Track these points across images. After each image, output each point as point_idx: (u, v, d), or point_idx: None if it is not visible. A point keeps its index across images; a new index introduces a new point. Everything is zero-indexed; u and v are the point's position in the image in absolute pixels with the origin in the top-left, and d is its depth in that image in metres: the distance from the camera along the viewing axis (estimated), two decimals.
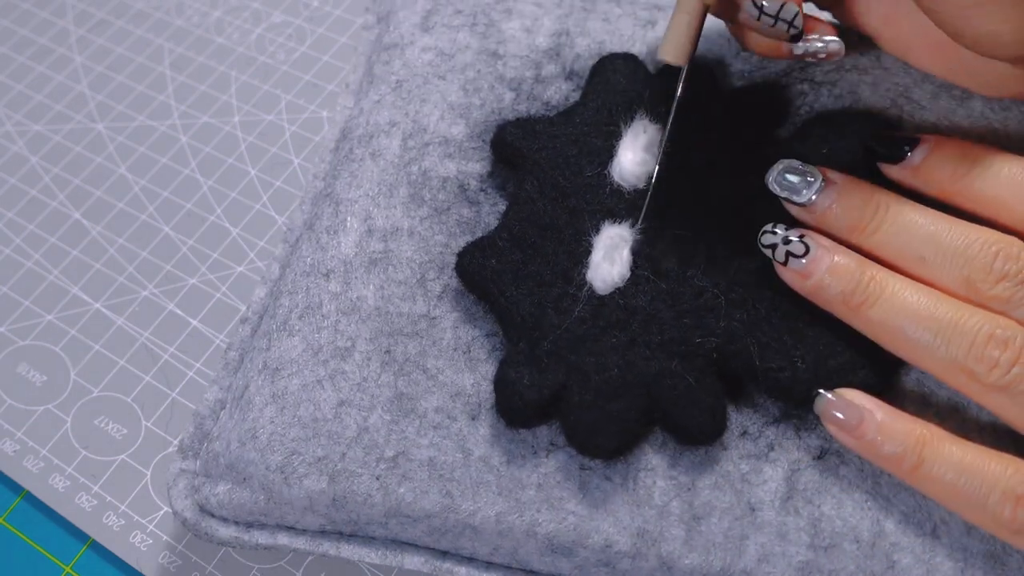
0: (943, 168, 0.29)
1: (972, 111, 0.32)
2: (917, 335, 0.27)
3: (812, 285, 0.28)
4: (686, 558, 0.28)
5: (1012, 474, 0.26)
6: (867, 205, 0.28)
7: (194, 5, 0.49)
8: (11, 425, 0.37)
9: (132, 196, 0.43)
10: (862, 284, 0.27)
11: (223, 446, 0.31)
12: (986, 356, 0.26)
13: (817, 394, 0.28)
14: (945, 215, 0.28)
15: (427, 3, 0.38)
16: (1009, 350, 0.26)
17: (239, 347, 0.34)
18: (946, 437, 0.27)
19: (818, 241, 0.28)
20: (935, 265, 0.27)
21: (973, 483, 0.26)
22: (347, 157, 0.35)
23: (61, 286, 0.41)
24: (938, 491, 0.26)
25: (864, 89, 0.33)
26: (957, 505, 0.26)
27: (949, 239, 0.27)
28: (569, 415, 0.28)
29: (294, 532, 0.31)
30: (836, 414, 0.28)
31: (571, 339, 0.29)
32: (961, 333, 0.26)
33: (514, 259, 0.31)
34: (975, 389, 0.26)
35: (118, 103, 0.46)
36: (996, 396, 0.26)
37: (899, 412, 0.27)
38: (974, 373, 0.26)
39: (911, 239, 0.28)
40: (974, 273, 0.27)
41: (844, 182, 0.29)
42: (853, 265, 0.28)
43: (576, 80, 0.35)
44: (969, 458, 0.26)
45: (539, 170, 0.32)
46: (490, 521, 0.29)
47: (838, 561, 0.28)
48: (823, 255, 0.28)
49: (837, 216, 0.29)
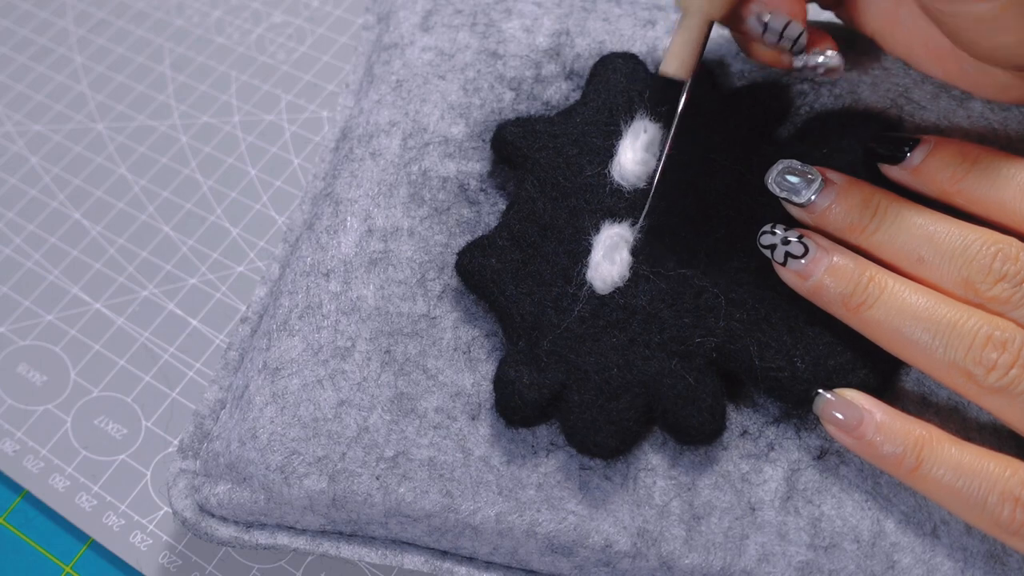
0: (943, 169, 0.29)
1: (972, 111, 0.32)
2: (915, 336, 0.27)
3: (811, 286, 0.28)
4: (686, 558, 0.28)
5: (1011, 475, 0.26)
6: (866, 205, 0.28)
7: (194, 5, 0.49)
8: (11, 425, 0.37)
9: (132, 196, 0.43)
10: (861, 285, 0.27)
11: (223, 446, 0.31)
12: (984, 358, 0.26)
13: (816, 394, 0.28)
14: (945, 216, 0.28)
15: (427, 3, 0.38)
16: (1007, 352, 0.26)
17: (239, 347, 0.34)
18: (945, 438, 0.27)
19: (817, 241, 0.28)
20: (934, 265, 0.27)
21: (972, 484, 0.26)
22: (347, 157, 0.35)
23: (61, 286, 0.41)
24: (937, 492, 0.26)
25: (864, 89, 0.33)
26: (956, 506, 0.26)
27: (948, 240, 0.27)
28: (569, 414, 0.28)
29: (294, 532, 0.31)
30: (835, 414, 0.28)
31: (571, 338, 0.29)
32: (959, 335, 0.26)
33: (514, 258, 0.31)
34: (973, 391, 0.26)
35: (118, 103, 0.46)
36: (994, 398, 0.26)
37: (898, 413, 0.27)
38: (972, 375, 0.26)
39: (910, 239, 0.28)
40: (973, 274, 0.27)
41: (844, 182, 0.29)
42: (852, 266, 0.28)
43: (576, 80, 0.35)
44: (968, 459, 0.26)
45: (539, 169, 0.32)
46: (490, 521, 0.29)
47: (838, 561, 0.28)
48: (822, 256, 0.28)
49: (836, 216, 0.29)
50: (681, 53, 0.29)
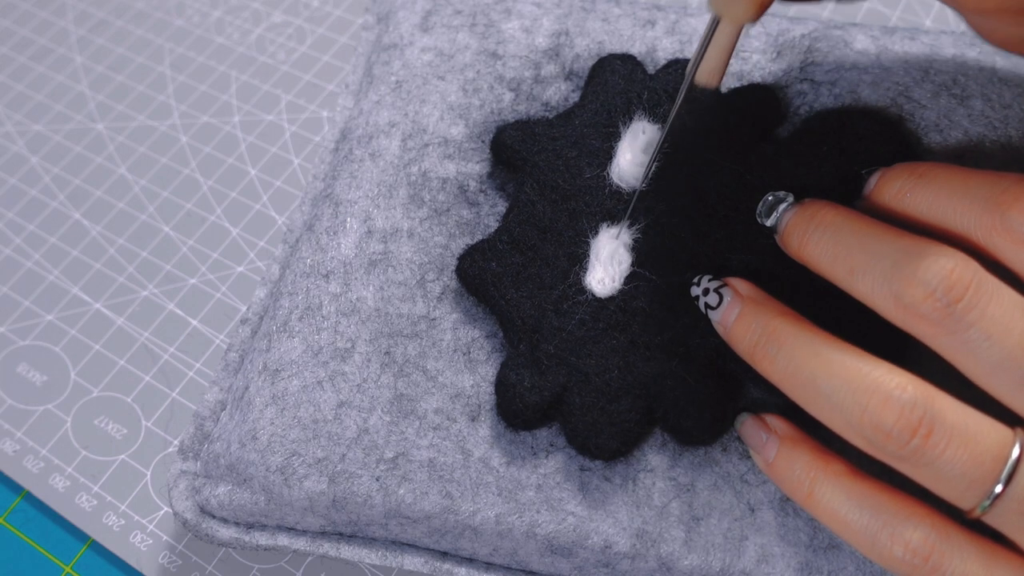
0: (889, 187, 0.28)
1: (972, 109, 0.32)
2: (812, 393, 0.25)
3: (726, 336, 0.28)
4: (685, 559, 0.28)
5: (907, 518, 0.24)
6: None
7: (194, 5, 0.49)
8: (11, 425, 0.37)
9: (132, 196, 0.43)
10: (764, 336, 0.26)
11: (223, 447, 0.31)
12: (880, 423, 0.24)
13: (739, 414, 0.29)
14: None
15: (427, 3, 0.38)
16: (903, 417, 0.23)
17: (239, 348, 0.34)
18: (846, 472, 0.26)
19: (735, 291, 0.28)
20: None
21: (863, 518, 0.25)
22: (347, 158, 0.35)
23: (61, 286, 0.41)
24: (830, 523, 0.26)
25: (864, 88, 0.33)
26: (848, 538, 0.25)
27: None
28: (570, 417, 0.29)
29: (294, 533, 0.31)
30: (746, 434, 0.28)
31: (571, 341, 0.29)
32: (853, 394, 0.24)
33: (514, 262, 0.31)
34: (878, 455, 0.24)
35: (118, 103, 0.46)
36: (900, 465, 0.24)
37: (805, 439, 0.27)
38: (869, 441, 0.24)
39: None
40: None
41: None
42: (752, 317, 0.27)
43: (575, 80, 0.35)
44: (866, 493, 0.25)
45: (538, 172, 0.32)
46: (490, 522, 0.29)
47: (837, 562, 0.28)
48: (733, 306, 0.28)
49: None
50: (716, 61, 0.28)
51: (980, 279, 0.24)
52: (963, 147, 0.31)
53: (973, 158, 0.31)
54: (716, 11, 0.27)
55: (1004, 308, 0.24)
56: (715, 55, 0.28)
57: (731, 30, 0.27)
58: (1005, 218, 0.24)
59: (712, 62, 0.28)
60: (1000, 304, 0.24)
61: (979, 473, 0.23)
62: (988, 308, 0.24)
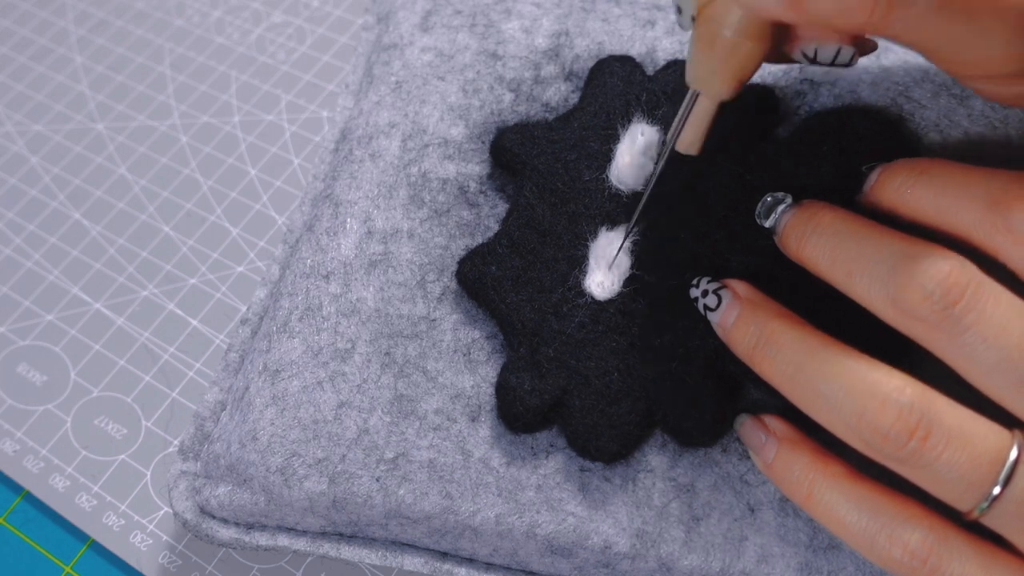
0: (890, 183, 0.28)
1: (972, 109, 0.32)
2: (811, 395, 0.25)
3: (725, 337, 0.28)
4: (685, 559, 0.28)
5: (906, 520, 0.24)
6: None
7: (194, 5, 0.49)
8: (11, 425, 0.37)
9: (132, 196, 0.43)
10: (762, 338, 0.26)
11: (223, 448, 0.31)
12: (878, 426, 0.24)
13: (738, 416, 0.29)
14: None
15: (427, 3, 0.38)
16: (901, 420, 0.23)
17: (239, 348, 0.34)
18: (844, 473, 0.26)
19: (734, 292, 0.28)
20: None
21: (862, 520, 0.25)
22: (347, 158, 0.35)
23: (61, 286, 0.41)
24: (829, 524, 0.26)
25: (864, 88, 0.33)
26: (848, 540, 0.25)
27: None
28: (571, 420, 0.29)
29: (294, 533, 0.31)
30: (745, 435, 0.28)
31: (571, 344, 0.29)
32: (851, 396, 0.24)
33: (514, 265, 0.31)
34: (876, 457, 0.25)
35: (118, 103, 0.46)
36: (899, 467, 0.24)
37: (804, 440, 0.27)
38: (867, 444, 0.24)
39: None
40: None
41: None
42: (751, 318, 0.27)
43: (575, 81, 0.35)
44: (865, 495, 0.25)
45: (538, 175, 0.32)
46: (490, 522, 0.29)
47: (837, 562, 0.28)
48: (731, 308, 0.28)
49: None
50: (696, 133, 0.28)
51: (977, 282, 0.24)
52: (963, 147, 0.31)
53: (973, 158, 0.31)
54: (695, 87, 0.27)
55: (1001, 310, 0.24)
56: (694, 127, 0.28)
57: (709, 104, 0.27)
58: (1007, 218, 0.24)
59: (691, 135, 0.28)
60: (997, 306, 0.24)
61: (977, 475, 0.23)
62: (985, 311, 0.24)
